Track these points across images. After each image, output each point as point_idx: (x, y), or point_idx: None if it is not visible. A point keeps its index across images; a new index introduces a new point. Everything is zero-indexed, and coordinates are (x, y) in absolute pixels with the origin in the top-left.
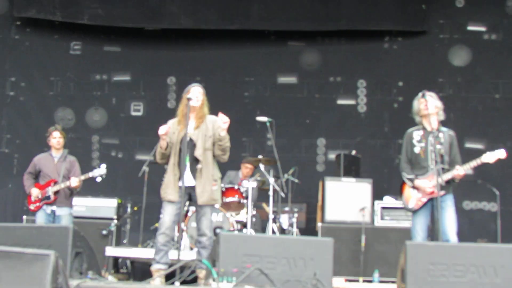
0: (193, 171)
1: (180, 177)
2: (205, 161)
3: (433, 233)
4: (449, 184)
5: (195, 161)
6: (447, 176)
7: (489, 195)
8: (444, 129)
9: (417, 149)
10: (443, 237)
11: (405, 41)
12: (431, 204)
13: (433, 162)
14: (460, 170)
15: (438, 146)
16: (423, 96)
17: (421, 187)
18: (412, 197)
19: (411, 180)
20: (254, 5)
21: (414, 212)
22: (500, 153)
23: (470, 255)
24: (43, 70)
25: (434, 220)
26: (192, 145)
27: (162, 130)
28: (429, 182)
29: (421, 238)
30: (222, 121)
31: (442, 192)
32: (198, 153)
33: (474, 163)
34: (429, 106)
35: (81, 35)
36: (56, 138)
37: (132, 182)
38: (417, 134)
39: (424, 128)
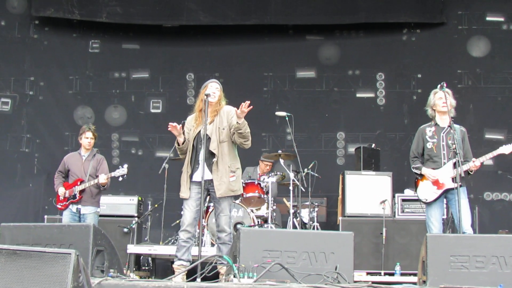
0: (209, 165)
1: (193, 174)
2: (220, 153)
3: (453, 224)
4: (462, 177)
5: (210, 155)
6: (465, 167)
7: (510, 185)
8: (455, 126)
9: (429, 145)
10: (459, 230)
11: (423, 33)
12: (445, 197)
13: (445, 157)
14: (477, 162)
15: (450, 142)
16: (442, 89)
17: (426, 174)
18: (427, 190)
19: (418, 168)
20: (271, 0)
21: (428, 204)
22: None
23: (491, 246)
24: (62, 69)
25: (449, 212)
26: (207, 139)
27: (172, 126)
28: (434, 171)
29: (436, 230)
30: (242, 108)
31: (455, 185)
32: (212, 146)
33: (490, 154)
34: (448, 104)
35: (99, 33)
36: (88, 138)
37: (152, 179)
38: (429, 130)
39: (436, 124)
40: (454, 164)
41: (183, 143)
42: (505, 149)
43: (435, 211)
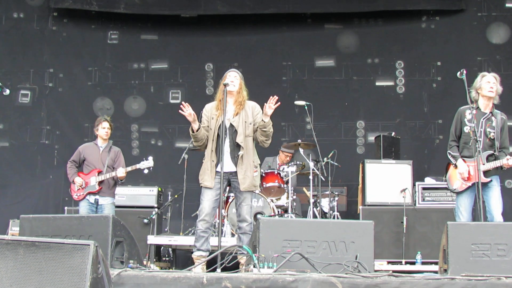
0: (234, 157)
1: (218, 163)
2: (246, 147)
3: (475, 213)
4: (496, 168)
5: (236, 147)
6: (496, 164)
7: None
8: (497, 111)
9: (467, 128)
10: (488, 217)
11: (442, 20)
12: (476, 186)
13: (481, 144)
14: (510, 161)
15: (489, 129)
16: (461, 76)
17: (460, 169)
18: (457, 179)
19: (455, 157)
20: None
21: (458, 193)
22: None
23: None
24: (81, 61)
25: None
26: (233, 131)
27: (186, 111)
28: (467, 168)
29: (465, 219)
30: (270, 105)
31: (486, 180)
32: (239, 139)
33: None
34: (495, 90)
35: (118, 24)
36: (105, 128)
37: (172, 170)
38: (469, 113)
39: (477, 108)
40: (488, 156)
41: (197, 130)
42: None
43: (464, 201)
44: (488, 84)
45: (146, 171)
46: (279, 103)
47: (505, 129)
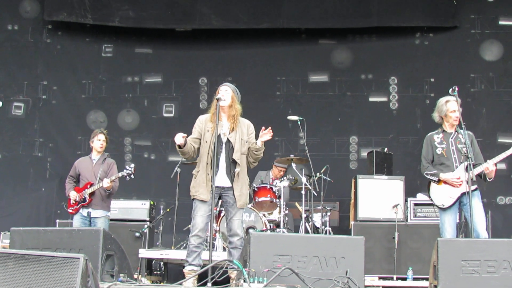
0: (229, 173)
1: (213, 177)
2: (242, 164)
3: (466, 229)
4: (474, 181)
5: (232, 163)
6: (478, 170)
7: None
8: (461, 130)
9: (439, 150)
10: (474, 233)
11: (436, 37)
12: (459, 201)
13: (457, 161)
14: (489, 164)
15: (460, 146)
16: (453, 92)
17: (447, 179)
18: (443, 195)
19: (435, 175)
20: (284, 4)
21: (443, 210)
22: None
23: (502, 250)
24: (75, 73)
25: (462, 216)
26: (230, 147)
27: (178, 139)
28: (454, 174)
29: (450, 235)
30: (266, 134)
31: (474, 187)
32: (236, 156)
33: (504, 155)
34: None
35: (112, 38)
36: (100, 140)
37: (164, 184)
38: (437, 137)
39: (443, 131)
40: (467, 167)
41: (184, 146)
42: None
43: (448, 217)
44: (453, 114)
45: (128, 178)
46: (271, 135)
47: (475, 144)
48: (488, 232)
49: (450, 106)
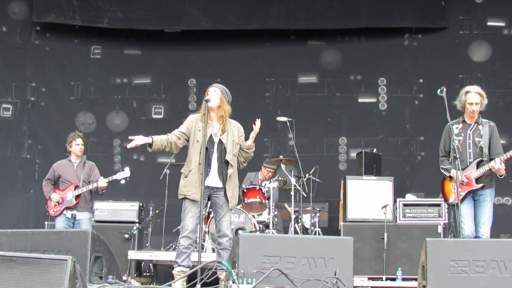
0: (221, 174)
1: (206, 177)
2: (234, 166)
3: (455, 229)
4: (489, 178)
5: (224, 164)
6: (485, 168)
7: (511, 190)
8: (484, 120)
9: (455, 143)
10: (476, 232)
11: (425, 38)
12: (472, 197)
13: (471, 156)
14: (496, 163)
15: (477, 139)
16: (441, 93)
17: (456, 177)
18: (453, 192)
19: (447, 170)
20: (273, 5)
21: (457, 205)
22: None
23: (491, 250)
24: (64, 75)
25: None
26: (222, 148)
27: (140, 140)
28: (463, 173)
29: (468, 231)
30: (255, 129)
31: (479, 186)
32: (229, 157)
33: (509, 153)
34: (477, 110)
35: (101, 39)
36: (79, 145)
37: (153, 185)
38: (456, 128)
39: (463, 121)
40: (478, 163)
41: (152, 144)
42: None
43: (464, 211)
44: (470, 107)
45: (123, 181)
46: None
47: (494, 135)
48: (489, 232)
49: (469, 97)
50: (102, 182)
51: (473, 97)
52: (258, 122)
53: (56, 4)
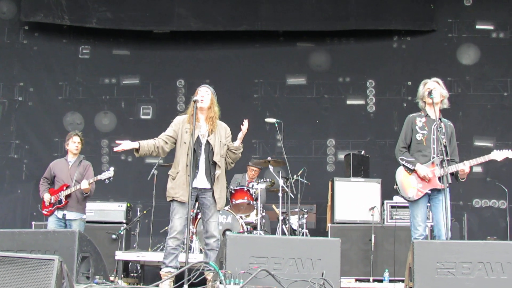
0: (208, 175)
1: (194, 178)
2: (221, 167)
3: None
4: (450, 178)
5: (212, 165)
6: (452, 169)
7: (499, 192)
8: (445, 120)
9: (419, 136)
10: (436, 232)
11: (413, 40)
12: (429, 195)
13: (435, 151)
14: (466, 165)
15: (441, 136)
16: (430, 96)
17: (422, 172)
18: (412, 186)
19: (412, 163)
20: (262, 6)
21: (413, 202)
22: (509, 153)
23: (477, 252)
24: (52, 75)
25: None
26: (210, 149)
27: (127, 145)
28: (427, 169)
29: (422, 230)
30: (243, 130)
31: (446, 185)
32: (216, 158)
33: (482, 159)
34: (435, 94)
35: (89, 39)
36: (75, 143)
37: (141, 186)
38: (419, 121)
39: (427, 115)
40: (441, 162)
41: (139, 149)
42: (497, 156)
43: (420, 211)
44: (427, 92)
45: (107, 181)
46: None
47: (453, 137)
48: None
49: (426, 86)
50: (84, 184)
51: (432, 84)
52: (245, 123)
53: (44, 4)
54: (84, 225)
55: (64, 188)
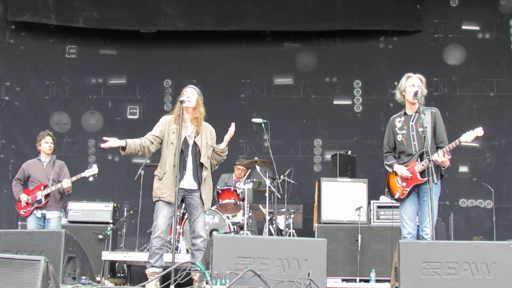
0: (196, 176)
1: (181, 179)
2: (208, 168)
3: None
4: (435, 172)
5: (199, 166)
6: (428, 163)
7: (484, 192)
8: (425, 107)
9: (399, 137)
10: (419, 231)
11: (400, 41)
12: (417, 192)
13: (417, 148)
14: (439, 155)
15: (420, 129)
16: (415, 96)
17: (398, 171)
18: (397, 187)
19: (391, 166)
20: (249, 6)
21: (400, 201)
22: (478, 131)
23: (463, 252)
24: (38, 74)
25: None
26: (197, 150)
27: (114, 143)
28: (404, 167)
29: (410, 229)
30: (230, 132)
31: (424, 179)
32: (204, 159)
33: (453, 144)
34: (420, 94)
35: (76, 39)
36: (48, 143)
37: (128, 186)
38: (398, 121)
39: (405, 113)
40: (421, 155)
41: (126, 148)
42: (467, 137)
43: (408, 209)
44: (412, 89)
45: (91, 178)
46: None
47: (438, 122)
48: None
49: (410, 81)
50: (66, 183)
51: (415, 80)
52: (233, 126)
53: (31, 3)
54: (60, 222)
55: (42, 188)
